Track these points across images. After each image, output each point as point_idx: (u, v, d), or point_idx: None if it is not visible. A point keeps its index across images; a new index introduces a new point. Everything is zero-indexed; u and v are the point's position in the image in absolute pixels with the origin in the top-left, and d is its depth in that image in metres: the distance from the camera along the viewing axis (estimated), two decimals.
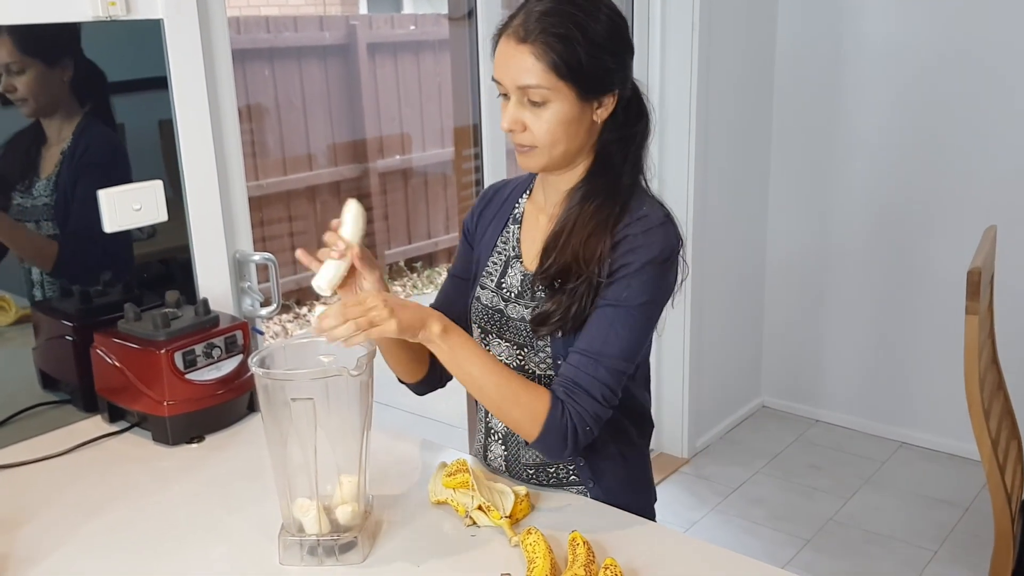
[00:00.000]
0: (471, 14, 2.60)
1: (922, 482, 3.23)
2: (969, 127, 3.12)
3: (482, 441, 1.52)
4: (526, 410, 1.26)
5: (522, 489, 1.33)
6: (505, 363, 1.40)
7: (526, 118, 1.28)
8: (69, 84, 1.66)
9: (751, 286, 3.69)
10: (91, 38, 1.65)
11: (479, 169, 2.71)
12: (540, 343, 1.36)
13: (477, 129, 2.69)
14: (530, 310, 1.37)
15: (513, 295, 1.40)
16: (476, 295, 1.46)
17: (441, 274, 6.21)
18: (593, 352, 1.27)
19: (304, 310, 5.55)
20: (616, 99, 1.31)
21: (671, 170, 3.18)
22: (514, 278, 1.41)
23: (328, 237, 1.28)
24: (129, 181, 1.71)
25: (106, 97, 1.72)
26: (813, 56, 3.39)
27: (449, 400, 1.31)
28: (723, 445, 3.55)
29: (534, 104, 1.27)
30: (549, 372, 1.37)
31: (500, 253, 1.45)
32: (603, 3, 1.28)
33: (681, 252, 1.33)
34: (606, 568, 1.15)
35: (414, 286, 6.04)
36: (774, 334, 3.76)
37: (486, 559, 1.23)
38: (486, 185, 2.67)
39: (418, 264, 6.18)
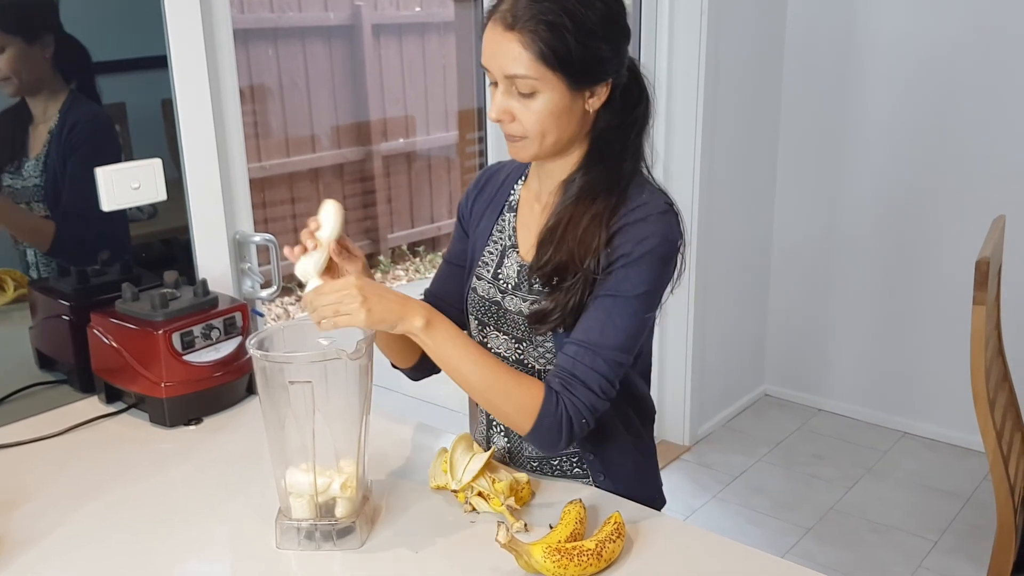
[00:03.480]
0: None
1: (924, 472, 3.22)
2: (978, 117, 3.09)
3: (484, 432, 1.50)
4: (516, 404, 1.22)
5: (523, 476, 1.32)
6: (504, 357, 1.38)
7: (514, 108, 1.24)
8: (52, 60, 1.63)
9: (756, 273, 3.67)
10: (84, 13, 1.63)
11: (483, 153, 2.70)
12: (539, 338, 1.34)
13: (481, 112, 2.67)
14: (528, 303, 1.34)
15: (510, 287, 1.37)
16: (472, 286, 1.43)
17: None
18: (591, 343, 1.24)
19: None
20: (610, 88, 1.27)
21: (678, 156, 3.15)
22: (510, 268, 1.38)
23: (303, 235, 1.24)
24: (119, 159, 1.68)
25: (93, 74, 1.69)
26: (822, 43, 3.35)
27: (450, 384, 1.29)
28: (725, 433, 3.54)
29: (523, 94, 1.23)
30: (549, 367, 1.35)
31: (496, 243, 1.42)
32: None
33: (681, 248, 1.28)
34: (610, 523, 1.18)
35: (416, 270, 6.02)
36: (778, 322, 3.74)
37: (485, 545, 1.21)
38: None
39: (420, 248, 6.15)
